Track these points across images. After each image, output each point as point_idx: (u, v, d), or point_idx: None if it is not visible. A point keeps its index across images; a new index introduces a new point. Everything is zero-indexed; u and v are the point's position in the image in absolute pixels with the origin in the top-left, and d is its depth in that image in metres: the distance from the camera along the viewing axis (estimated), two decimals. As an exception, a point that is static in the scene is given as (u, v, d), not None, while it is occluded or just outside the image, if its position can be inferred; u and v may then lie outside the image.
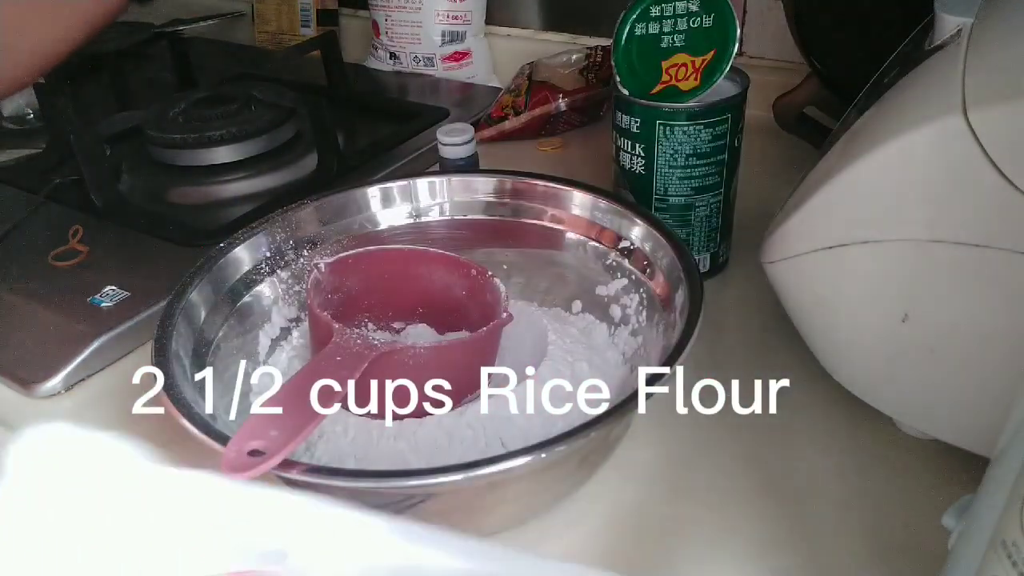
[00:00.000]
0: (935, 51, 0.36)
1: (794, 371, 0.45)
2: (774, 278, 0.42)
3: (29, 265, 0.60)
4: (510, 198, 0.50)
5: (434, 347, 0.41)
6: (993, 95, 0.32)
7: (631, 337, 0.45)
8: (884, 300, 0.37)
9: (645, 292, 0.45)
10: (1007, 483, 0.21)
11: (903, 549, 0.37)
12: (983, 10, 0.36)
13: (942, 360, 0.36)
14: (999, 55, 0.34)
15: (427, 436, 0.38)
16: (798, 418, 0.44)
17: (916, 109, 0.34)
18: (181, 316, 0.41)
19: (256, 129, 0.72)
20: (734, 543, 0.38)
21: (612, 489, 0.41)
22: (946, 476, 0.40)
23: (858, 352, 0.39)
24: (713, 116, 0.49)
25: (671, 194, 0.52)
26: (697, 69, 0.50)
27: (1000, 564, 0.21)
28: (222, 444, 0.31)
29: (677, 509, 0.40)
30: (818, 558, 0.37)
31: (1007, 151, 0.31)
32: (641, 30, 0.49)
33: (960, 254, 0.33)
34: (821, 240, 0.38)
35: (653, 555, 0.38)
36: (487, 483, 0.33)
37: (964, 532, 0.25)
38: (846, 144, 0.38)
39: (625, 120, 0.51)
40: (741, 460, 0.42)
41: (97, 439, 0.20)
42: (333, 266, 0.44)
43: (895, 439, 0.42)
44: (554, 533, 0.39)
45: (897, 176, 0.34)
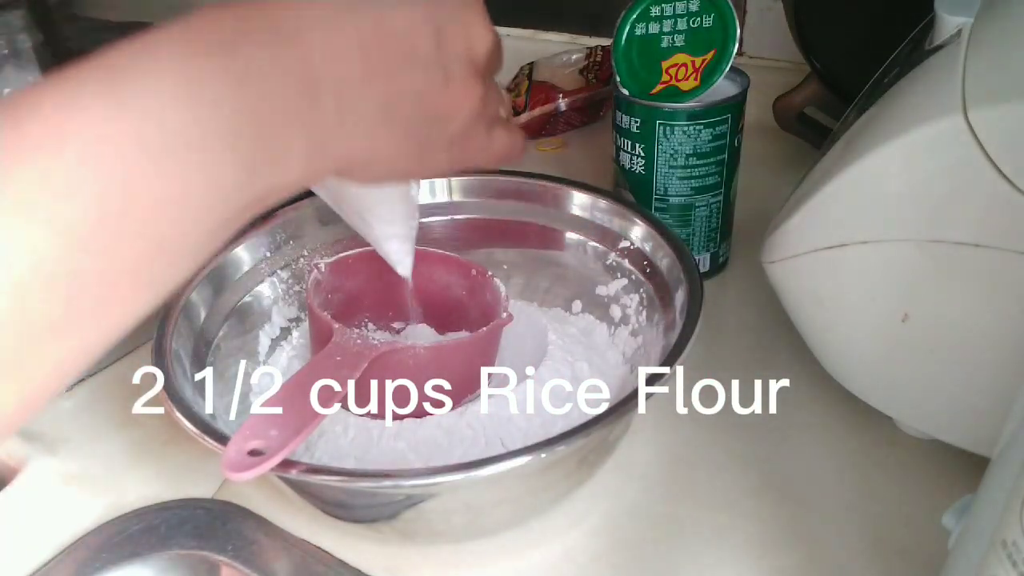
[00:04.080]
0: (935, 51, 0.36)
1: (794, 371, 0.45)
2: (774, 278, 0.42)
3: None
4: (510, 198, 0.50)
5: (434, 347, 0.41)
6: (993, 95, 0.32)
7: (631, 337, 0.45)
8: (884, 300, 0.37)
9: (645, 292, 0.45)
10: (1007, 483, 0.21)
11: (903, 549, 0.37)
12: (983, 10, 0.36)
13: (942, 360, 0.36)
14: (999, 55, 0.34)
15: (427, 436, 0.38)
16: (798, 418, 0.44)
17: (916, 109, 0.34)
18: (181, 316, 0.41)
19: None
20: (734, 543, 0.38)
21: (612, 489, 0.41)
22: (946, 476, 0.40)
23: (858, 352, 0.39)
24: (713, 116, 0.49)
25: (671, 194, 0.52)
26: (697, 69, 0.50)
27: (1000, 564, 0.21)
28: (222, 444, 0.31)
29: (677, 509, 0.40)
30: (818, 558, 0.37)
31: (1007, 151, 0.31)
32: (641, 30, 0.49)
33: (960, 254, 0.33)
34: (821, 240, 0.38)
35: (653, 555, 0.38)
36: (487, 483, 0.33)
37: (964, 532, 0.25)
38: (846, 144, 0.38)
39: (625, 120, 0.51)
40: (741, 460, 0.42)
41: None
42: (333, 266, 0.44)
43: (895, 439, 0.42)
44: (554, 533, 0.39)
45: (897, 176, 0.34)
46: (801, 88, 0.66)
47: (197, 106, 0.21)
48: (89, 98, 0.20)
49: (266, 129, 0.23)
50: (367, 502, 0.36)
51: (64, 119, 0.20)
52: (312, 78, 0.24)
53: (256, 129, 0.22)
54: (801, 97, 0.66)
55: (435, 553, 0.39)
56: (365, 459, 0.38)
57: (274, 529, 0.40)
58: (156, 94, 0.21)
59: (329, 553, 0.39)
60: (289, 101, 0.23)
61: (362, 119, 0.26)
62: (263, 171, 0.23)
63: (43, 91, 0.20)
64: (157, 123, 0.21)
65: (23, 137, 0.19)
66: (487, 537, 0.39)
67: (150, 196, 0.21)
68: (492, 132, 0.32)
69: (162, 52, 0.22)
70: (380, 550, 0.39)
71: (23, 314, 0.19)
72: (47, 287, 0.19)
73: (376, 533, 0.39)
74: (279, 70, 0.23)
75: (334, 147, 0.26)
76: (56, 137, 0.19)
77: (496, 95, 0.31)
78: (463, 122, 0.29)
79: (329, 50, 0.24)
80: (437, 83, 0.27)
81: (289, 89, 0.23)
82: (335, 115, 0.25)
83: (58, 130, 0.19)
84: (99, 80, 0.20)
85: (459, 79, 0.28)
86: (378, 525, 0.38)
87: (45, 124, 0.19)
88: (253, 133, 0.22)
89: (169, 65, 0.21)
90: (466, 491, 0.35)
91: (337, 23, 0.25)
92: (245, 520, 0.40)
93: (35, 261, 0.19)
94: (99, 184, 0.20)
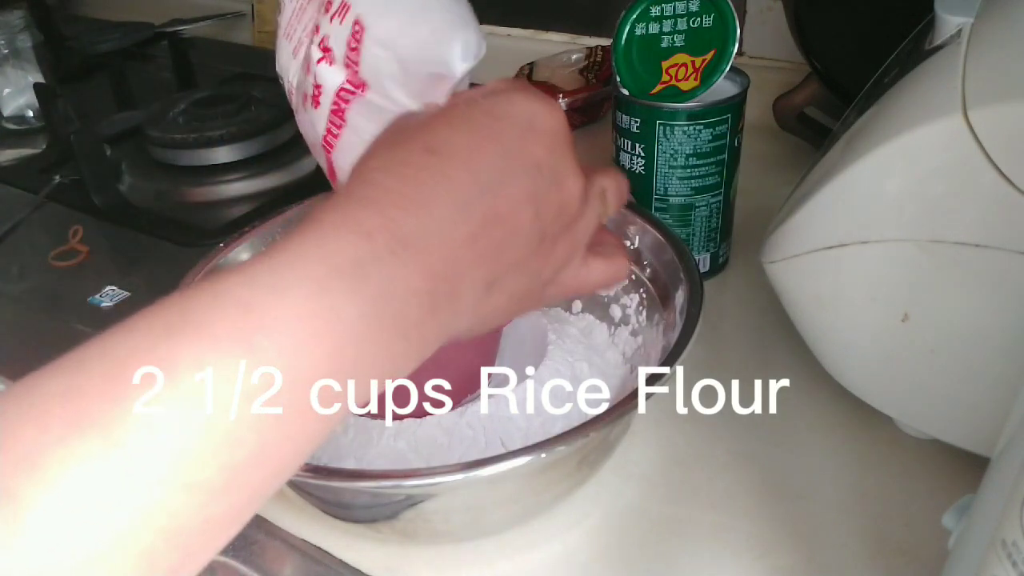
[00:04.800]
0: (935, 51, 0.36)
1: (794, 371, 0.45)
2: (774, 278, 0.42)
3: (29, 265, 0.60)
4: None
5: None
6: (993, 95, 0.32)
7: (631, 337, 0.45)
8: (884, 300, 0.37)
9: (645, 292, 0.45)
10: (1007, 483, 0.21)
11: (903, 549, 0.37)
12: (983, 10, 0.36)
13: (942, 360, 0.36)
14: (999, 55, 0.34)
15: (427, 436, 0.38)
16: (798, 418, 0.44)
17: (916, 109, 0.34)
18: (181, 316, 0.40)
19: (256, 129, 0.72)
20: (734, 543, 0.38)
21: (612, 489, 0.41)
22: (946, 476, 0.40)
23: (858, 352, 0.39)
24: (713, 116, 0.49)
25: (671, 194, 0.52)
26: (697, 69, 0.50)
27: (1000, 564, 0.21)
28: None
29: (677, 509, 0.40)
30: (818, 558, 0.37)
31: (1007, 151, 0.31)
32: (641, 30, 0.49)
33: (960, 254, 0.33)
34: (821, 240, 0.38)
35: (653, 555, 0.38)
36: (487, 483, 0.33)
37: (964, 532, 0.25)
38: (846, 144, 0.38)
39: (625, 120, 0.51)
40: (741, 460, 0.42)
41: None
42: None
43: (895, 439, 0.42)
44: (554, 533, 0.39)
45: (897, 176, 0.34)
46: (801, 88, 0.66)
47: (322, 347, 0.21)
48: (220, 349, 0.20)
49: (380, 341, 0.23)
50: (367, 502, 0.36)
51: (203, 381, 0.19)
52: (430, 290, 0.24)
53: (372, 345, 0.23)
54: (801, 97, 0.66)
55: (435, 553, 0.39)
56: (365, 459, 0.38)
57: (274, 529, 0.40)
58: (291, 344, 0.21)
59: (329, 553, 0.39)
60: (408, 317, 0.24)
61: (469, 304, 0.26)
62: (372, 376, 0.24)
63: (177, 341, 0.20)
64: (292, 373, 0.21)
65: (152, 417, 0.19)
66: (487, 537, 0.39)
67: (280, 445, 0.21)
68: (588, 264, 0.32)
69: (295, 288, 0.22)
70: (380, 550, 0.39)
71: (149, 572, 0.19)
72: (173, 542, 0.19)
73: (376, 533, 0.39)
74: (401, 290, 0.24)
75: (442, 336, 0.26)
76: (193, 403, 0.19)
77: (587, 234, 0.31)
78: (553, 271, 0.30)
79: (446, 255, 0.25)
80: (533, 247, 0.28)
81: (411, 307, 0.24)
82: (448, 313, 0.25)
83: (196, 393, 0.19)
84: (233, 325, 0.20)
85: (551, 237, 0.29)
86: (378, 525, 0.38)
87: (176, 386, 0.19)
88: (370, 350, 0.23)
89: (300, 309, 0.21)
90: (466, 491, 0.35)
91: (455, 226, 0.25)
92: (245, 520, 0.40)
93: (167, 520, 0.19)
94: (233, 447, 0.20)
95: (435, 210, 0.25)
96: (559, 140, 0.28)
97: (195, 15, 1.00)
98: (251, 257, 0.23)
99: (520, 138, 0.27)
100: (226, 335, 0.20)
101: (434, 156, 0.26)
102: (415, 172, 0.25)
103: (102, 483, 0.18)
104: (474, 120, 0.27)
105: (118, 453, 0.18)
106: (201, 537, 0.20)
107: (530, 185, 0.27)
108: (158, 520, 0.19)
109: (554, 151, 0.28)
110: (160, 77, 0.94)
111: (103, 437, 0.18)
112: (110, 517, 0.18)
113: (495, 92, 0.29)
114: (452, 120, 0.27)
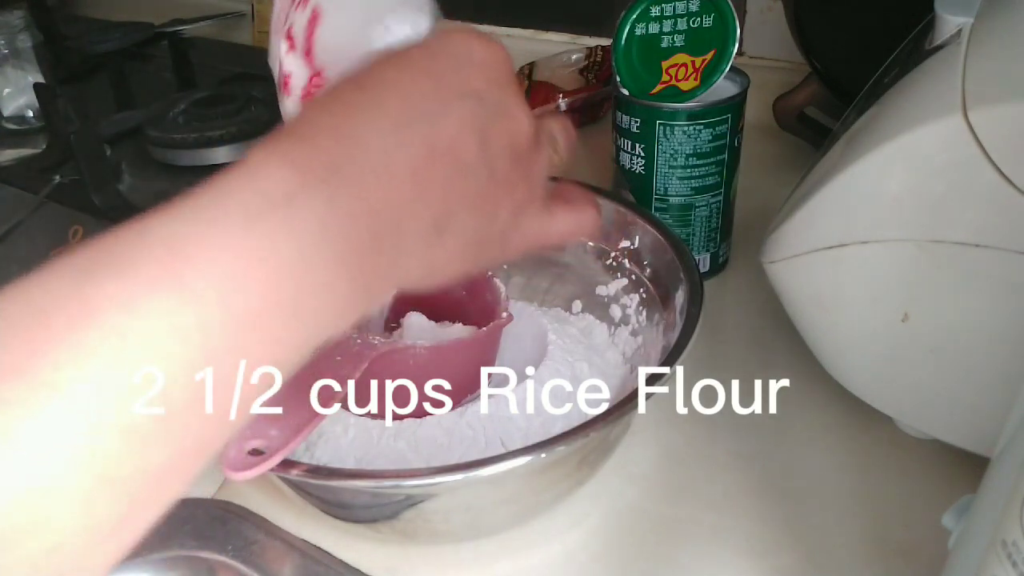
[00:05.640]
0: (935, 51, 0.36)
1: (794, 371, 0.45)
2: (774, 278, 0.42)
3: (29, 265, 0.60)
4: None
5: (434, 347, 0.41)
6: (993, 95, 0.32)
7: (631, 337, 0.45)
8: (884, 300, 0.37)
9: (645, 292, 0.45)
10: (1007, 483, 0.21)
11: (903, 549, 0.37)
12: (983, 10, 0.36)
13: (942, 360, 0.36)
14: (999, 55, 0.34)
15: (427, 436, 0.38)
16: (798, 418, 0.44)
17: (916, 109, 0.34)
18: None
19: (256, 129, 0.72)
20: (734, 542, 0.38)
21: (612, 489, 0.41)
22: (946, 476, 0.40)
23: (858, 352, 0.39)
24: (713, 116, 0.49)
25: (671, 194, 0.52)
26: (697, 69, 0.50)
27: (1000, 564, 0.21)
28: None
29: (677, 509, 0.40)
30: (818, 558, 0.37)
31: (1007, 151, 0.31)
32: (641, 30, 0.49)
33: (960, 254, 0.33)
34: (821, 240, 0.38)
35: (653, 555, 0.38)
36: (487, 483, 0.33)
37: (964, 532, 0.25)
38: (846, 144, 0.38)
39: (625, 120, 0.51)
40: (741, 460, 0.42)
41: None
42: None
43: (895, 439, 0.42)
44: (554, 533, 0.39)
45: (897, 176, 0.34)
46: (801, 88, 0.66)
47: (258, 283, 0.21)
48: (148, 288, 0.19)
49: (321, 280, 0.22)
50: (367, 502, 0.36)
51: (126, 319, 0.19)
52: (369, 224, 0.23)
53: (313, 282, 0.22)
54: (801, 97, 0.66)
55: (435, 553, 0.39)
56: (365, 459, 0.38)
57: (274, 529, 0.40)
58: (219, 279, 0.20)
59: (329, 553, 0.39)
60: (349, 253, 0.23)
61: (416, 244, 0.25)
62: (319, 320, 0.23)
63: (100, 282, 0.19)
64: (222, 309, 0.20)
65: (82, 342, 0.18)
66: (487, 537, 0.39)
67: (216, 388, 0.20)
68: (553, 212, 0.31)
69: (223, 219, 0.21)
70: (380, 550, 0.39)
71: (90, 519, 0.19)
72: (114, 489, 0.19)
73: (376, 533, 0.39)
74: (337, 221, 0.23)
75: (389, 279, 0.25)
76: (119, 337, 0.19)
77: (542, 176, 0.30)
78: (510, 214, 0.29)
79: (384, 187, 0.24)
80: (483, 184, 0.27)
81: (351, 241, 0.23)
82: (392, 251, 0.25)
83: (119, 331, 0.19)
84: (160, 264, 0.20)
85: (502, 174, 0.27)
86: (378, 525, 0.38)
87: (102, 329, 0.19)
88: (311, 288, 0.22)
89: (230, 240, 0.21)
90: (466, 491, 0.35)
91: (389, 156, 0.24)
92: (245, 520, 0.40)
93: (104, 467, 0.18)
94: (166, 381, 0.19)
95: (367, 138, 0.24)
96: (501, 72, 0.28)
97: (195, 15, 1.00)
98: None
99: (457, 70, 0.27)
100: (153, 274, 0.19)
101: (366, 91, 0.25)
102: (344, 107, 0.25)
103: (34, 429, 0.18)
104: (410, 57, 0.27)
105: (47, 396, 0.18)
106: (145, 487, 0.19)
107: (470, 115, 0.26)
108: (95, 467, 0.18)
109: (495, 83, 0.27)
110: (160, 77, 0.94)
111: (30, 384, 0.18)
112: (45, 461, 0.18)
113: (433, 34, 0.28)
114: (387, 60, 0.27)
